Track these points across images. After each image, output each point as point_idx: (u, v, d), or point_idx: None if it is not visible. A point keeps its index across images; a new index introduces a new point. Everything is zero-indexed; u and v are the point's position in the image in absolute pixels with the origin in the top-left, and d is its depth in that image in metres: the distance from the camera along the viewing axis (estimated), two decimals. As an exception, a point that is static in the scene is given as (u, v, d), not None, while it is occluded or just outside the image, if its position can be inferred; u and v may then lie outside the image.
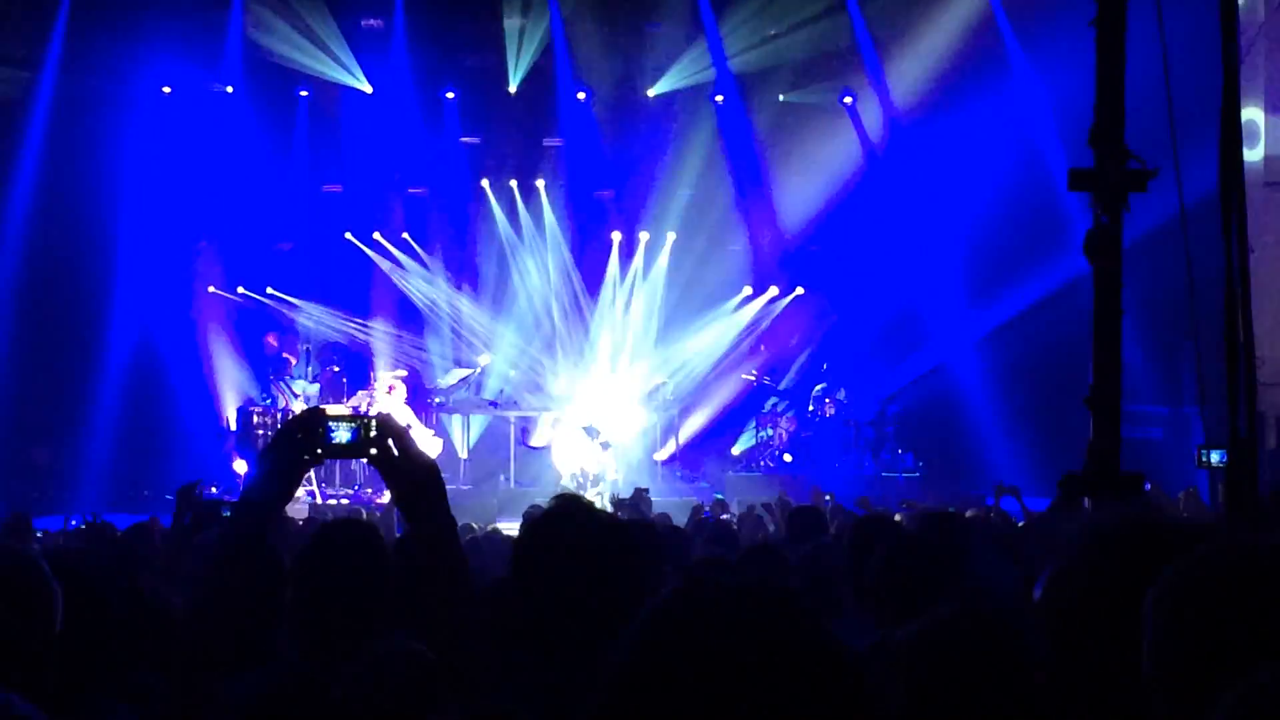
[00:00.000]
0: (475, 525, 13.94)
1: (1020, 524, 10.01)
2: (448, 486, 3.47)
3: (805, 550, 6.64)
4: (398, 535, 10.57)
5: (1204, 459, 7.45)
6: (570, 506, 3.75)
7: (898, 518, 10.18)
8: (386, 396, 22.22)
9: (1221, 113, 4.06)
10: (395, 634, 3.77)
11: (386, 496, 21.00)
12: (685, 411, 24.70)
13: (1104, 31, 4.12)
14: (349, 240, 25.03)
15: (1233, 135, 4.04)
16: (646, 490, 15.67)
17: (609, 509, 14.03)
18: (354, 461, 22.04)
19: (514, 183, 25.55)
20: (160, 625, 4.53)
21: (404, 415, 22.29)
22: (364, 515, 15.12)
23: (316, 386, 23.09)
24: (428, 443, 22.26)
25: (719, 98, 25.25)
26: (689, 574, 1.77)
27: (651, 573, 3.95)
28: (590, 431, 21.71)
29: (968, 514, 12.04)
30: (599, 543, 3.59)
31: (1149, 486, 14.41)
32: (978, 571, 5.89)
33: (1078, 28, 4.39)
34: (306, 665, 4.00)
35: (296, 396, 22.36)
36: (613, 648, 1.68)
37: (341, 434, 3.41)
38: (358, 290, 25.19)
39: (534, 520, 3.83)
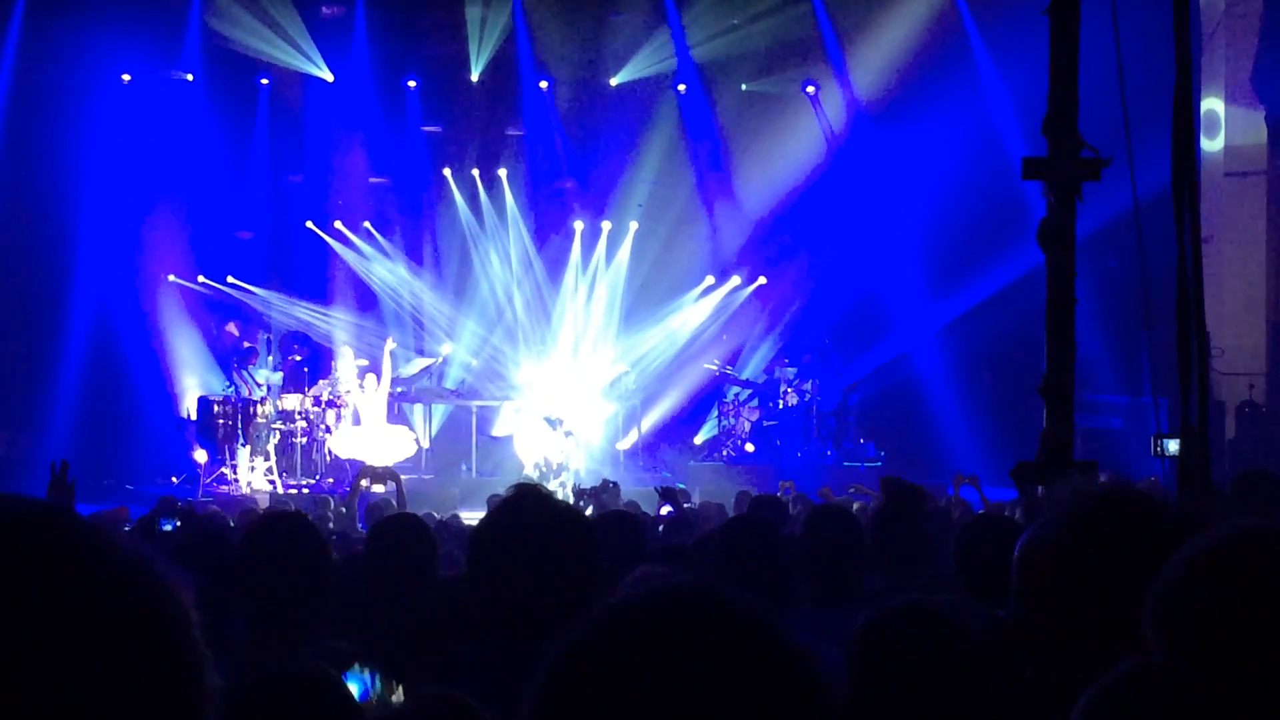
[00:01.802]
0: (437, 514, 13.90)
1: (979, 512, 10.03)
2: (409, 476, 3.47)
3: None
4: (360, 528, 10.58)
5: (1160, 449, 7.45)
6: (525, 497, 3.74)
7: (855, 506, 10.20)
8: (359, 393, 22.10)
9: (1174, 103, 4.07)
10: (325, 638, 3.78)
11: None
12: (648, 401, 24.70)
13: (1057, 20, 4.13)
14: (310, 229, 24.96)
15: (1185, 126, 4.05)
16: (615, 484, 15.63)
17: (571, 499, 14.04)
18: (314, 452, 22.02)
19: (476, 171, 25.52)
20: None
21: (378, 410, 22.20)
22: (331, 505, 15.10)
23: (280, 375, 22.99)
24: (403, 442, 22.14)
25: (681, 87, 25.25)
26: (613, 600, 1.59)
27: (608, 563, 3.95)
28: (551, 421, 21.69)
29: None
30: (554, 533, 3.58)
31: (1105, 477, 14.50)
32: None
33: (1037, 18, 4.39)
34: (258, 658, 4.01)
35: (260, 386, 22.26)
36: (532, 683, 1.50)
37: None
38: (319, 279, 25.13)
39: (489, 511, 3.83)
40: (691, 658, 1.43)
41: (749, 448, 23.53)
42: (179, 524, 10.32)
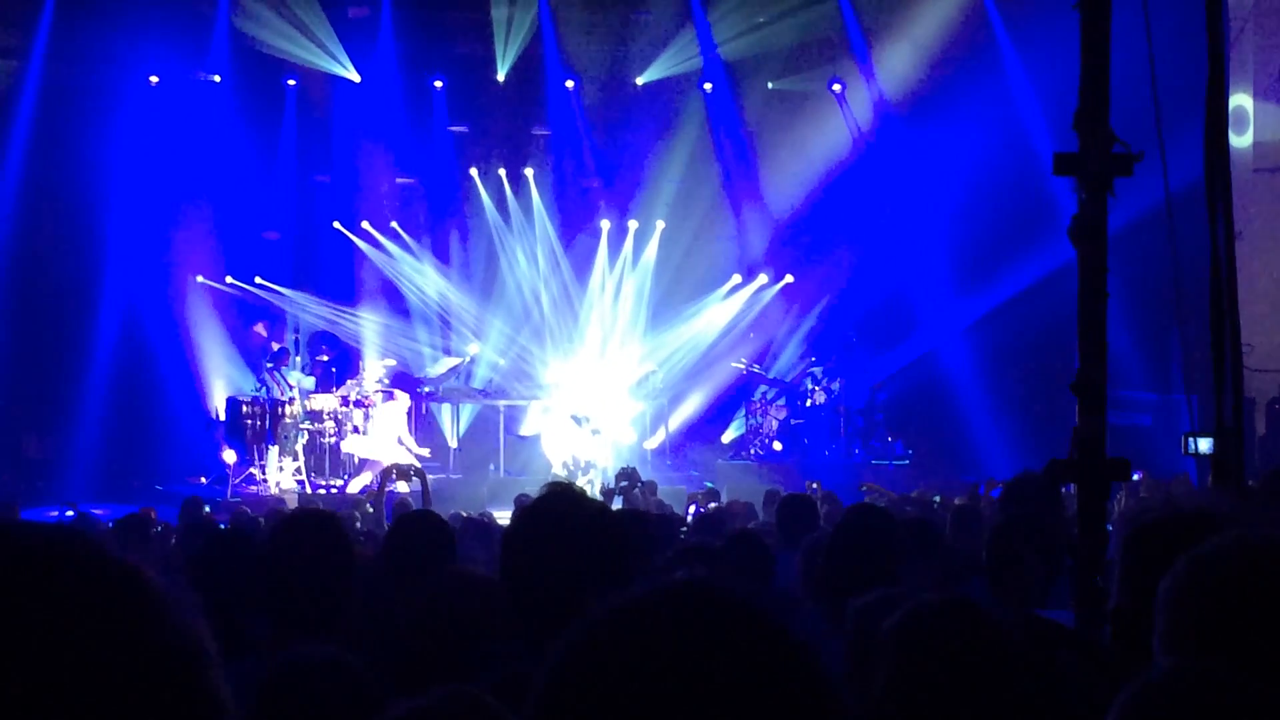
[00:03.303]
0: (465, 514, 13.93)
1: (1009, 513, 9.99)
2: (437, 475, 3.46)
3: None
4: (388, 523, 10.61)
5: (1190, 448, 7.38)
6: (559, 495, 3.74)
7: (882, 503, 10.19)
8: (385, 405, 22.00)
9: (1207, 99, 4.05)
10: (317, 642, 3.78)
11: (358, 482, 20.96)
12: (675, 400, 24.69)
13: (1087, 13, 4.11)
14: (337, 229, 24.99)
15: (1218, 121, 4.03)
16: (651, 482, 15.60)
17: (599, 498, 14.05)
18: (343, 452, 22.05)
19: (502, 171, 25.52)
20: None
21: (398, 423, 22.14)
22: (360, 504, 15.15)
23: (312, 380, 22.92)
24: (415, 454, 22.08)
25: (708, 85, 25.20)
26: (608, 602, 1.55)
27: (640, 561, 3.94)
28: (578, 420, 21.70)
29: (956, 501, 12.08)
30: (587, 532, 3.57)
31: (1140, 475, 14.46)
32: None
33: (1065, 12, 4.37)
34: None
35: (291, 388, 22.22)
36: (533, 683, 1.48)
37: None
38: (346, 280, 25.15)
39: (523, 509, 3.82)
40: (694, 656, 1.41)
41: (777, 446, 23.49)
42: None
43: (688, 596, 1.47)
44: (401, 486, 15.44)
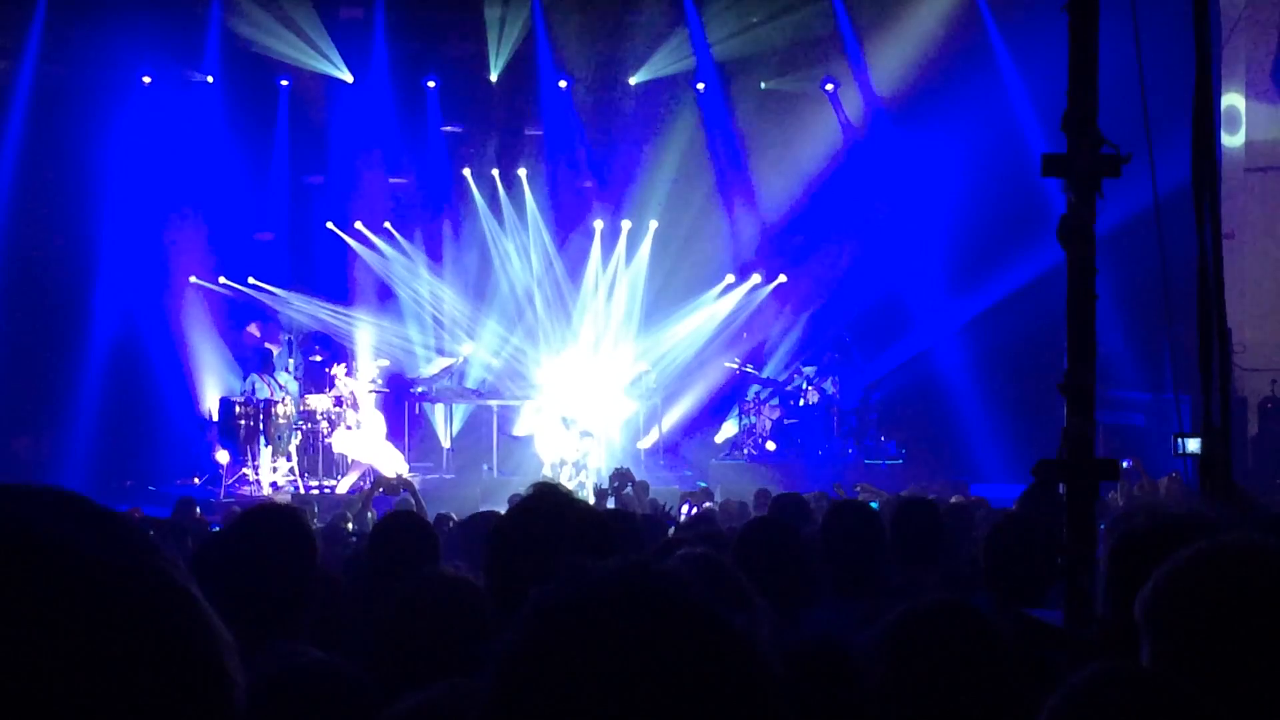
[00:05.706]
0: (454, 516, 13.88)
1: (1005, 512, 10.01)
2: (430, 476, 3.44)
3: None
4: (379, 518, 10.60)
5: (1179, 449, 7.37)
6: (547, 496, 3.73)
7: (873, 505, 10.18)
8: (355, 417, 21.90)
9: (1194, 100, 4.05)
10: (293, 645, 3.73)
11: (346, 482, 20.96)
12: (668, 400, 24.68)
13: (1076, 14, 4.11)
14: (331, 230, 24.98)
15: (1205, 122, 4.04)
16: (643, 482, 15.54)
17: (591, 498, 14.04)
18: (335, 452, 22.01)
19: (496, 171, 25.53)
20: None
21: (377, 427, 22.07)
22: (354, 506, 15.14)
23: (296, 384, 22.80)
24: (393, 460, 21.97)
25: (700, 85, 25.22)
26: (541, 597, 1.54)
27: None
28: (566, 421, 21.68)
29: (952, 500, 12.09)
30: (573, 533, 3.56)
31: (1129, 463, 14.48)
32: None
33: (1056, 13, 4.38)
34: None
35: (282, 388, 22.12)
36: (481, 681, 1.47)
37: None
38: (339, 280, 25.14)
39: (510, 510, 3.81)
40: (638, 649, 1.40)
41: (770, 446, 23.49)
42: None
43: (629, 585, 1.46)
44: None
